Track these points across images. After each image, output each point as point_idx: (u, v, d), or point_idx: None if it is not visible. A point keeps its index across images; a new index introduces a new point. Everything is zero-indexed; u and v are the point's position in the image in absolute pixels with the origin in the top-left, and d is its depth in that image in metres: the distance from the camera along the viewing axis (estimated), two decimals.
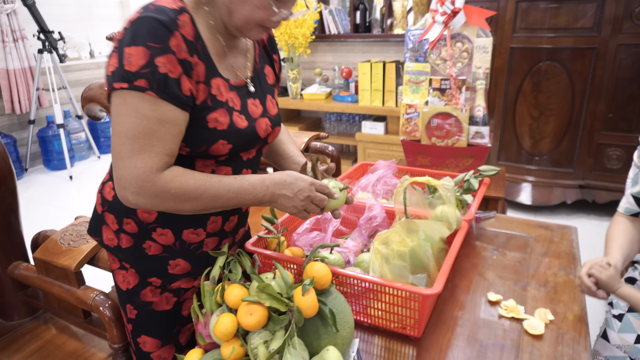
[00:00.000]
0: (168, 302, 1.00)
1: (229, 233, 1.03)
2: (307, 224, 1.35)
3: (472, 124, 2.01)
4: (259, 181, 0.88)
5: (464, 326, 1.06)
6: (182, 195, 0.81)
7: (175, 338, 1.03)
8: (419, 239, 1.04)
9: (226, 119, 0.88)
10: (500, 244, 1.44)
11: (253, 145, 0.98)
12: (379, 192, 1.62)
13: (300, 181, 0.89)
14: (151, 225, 0.93)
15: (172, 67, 0.78)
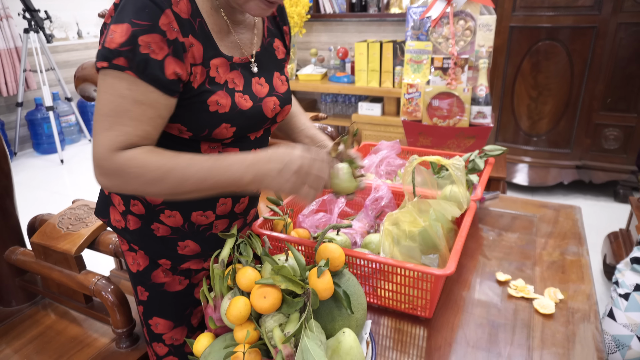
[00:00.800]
0: (180, 283, 0.98)
1: (239, 215, 1.00)
2: (313, 205, 1.32)
3: (474, 104, 1.99)
4: (237, 160, 0.77)
5: (474, 306, 1.06)
6: (142, 175, 0.73)
7: (187, 320, 1.01)
8: (430, 219, 1.02)
9: (228, 101, 0.83)
10: (506, 224, 1.43)
11: (260, 127, 0.94)
12: (382, 172, 1.59)
13: (287, 153, 0.78)
14: (159, 207, 0.90)
15: (157, 48, 0.72)
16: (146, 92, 0.73)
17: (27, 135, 4.52)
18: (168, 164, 0.74)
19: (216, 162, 0.76)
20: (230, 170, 0.76)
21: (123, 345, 1.23)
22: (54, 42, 4.56)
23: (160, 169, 0.73)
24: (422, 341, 0.97)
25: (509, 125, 3.28)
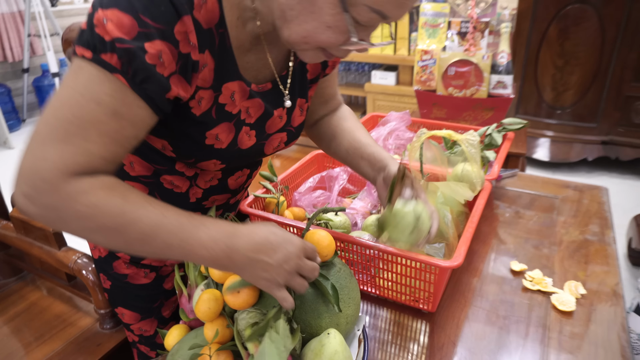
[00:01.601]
0: (146, 276, 0.88)
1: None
2: (311, 181, 1.21)
3: (494, 73, 1.82)
4: (224, 235, 0.58)
5: (484, 300, 0.95)
6: (92, 218, 0.53)
7: (157, 312, 0.92)
8: (437, 203, 0.90)
9: (229, 137, 0.67)
10: (524, 206, 1.30)
11: (251, 162, 0.81)
12: (391, 146, 1.47)
13: (288, 244, 0.61)
14: None
15: (167, 61, 0.54)
16: (132, 106, 0.54)
17: (35, 102, 4.46)
18: (132, 213, 0.54)
19: (196, 232, 0.57)
20: (212, 249, 0.58)
21: (106, 326, 1.17)
22: (59, 5, 4.43)
23: (119, 218, 0.54)
24: (424, 337, 0.87)
25: (531, 96, 3.08)
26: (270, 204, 1.07)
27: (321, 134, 0.95)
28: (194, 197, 0.79)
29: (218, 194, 0.81)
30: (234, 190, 0.83)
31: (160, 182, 0.76)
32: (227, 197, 0.83)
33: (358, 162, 0.87)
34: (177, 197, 0.78)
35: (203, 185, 0.78)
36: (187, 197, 0.79)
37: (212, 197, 0.81)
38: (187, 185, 0.77)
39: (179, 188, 0.77)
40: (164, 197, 0.78)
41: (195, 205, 0.80)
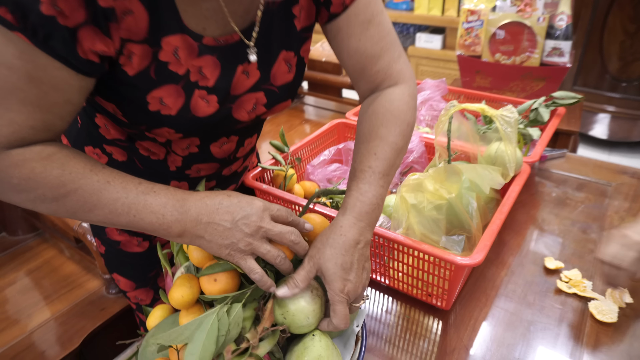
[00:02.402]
0: (139, 244, 0.83)
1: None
2: (326, 154, 1.11)
3: (550, 38, 1.61)
4: (174, 200, 0.53)
5: (508, 300, 0.83)
6: (30, 190, 0.49)
7: (152, 282, 0.88)
8: (461, 188, 0.78)
9: (178, 102, 0.57)
10: (569, 193, 1.14)
11: (228, 133, 0.70)
12: (423, 117, 1.33)
13: (246, 205, 0.55)
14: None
15: (67, 9, 0.44)
16: (47, 68, 0.46)
17: None
18: (72, 183, 0.50)
19: (144, 198, 0.52)
20: (161, 214, 0.52)
21: (112, 291, 1.15)
22: None
23: (59, 189, 0.49)
24: (434, 337, 0.77)
25: (594, 66, 2.77)
26: (279, 177, 0.98)
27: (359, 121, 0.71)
28: (174, 165, 0.71)
29: (201, 163, 0.72)
30: (222, 159, 0.74)
31: (136, 147, 0.68)
32: (215, 167, 0.74)
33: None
34: (156, 165, 0.71)
35: (180, 152, 0.69)
36: (166, 165, 0.71)
37: (196, 166, 0.72)
38: (163, 152, 0.69)
39: (156, 155, 0.69)
40: (144, 164, 0.71)
41: (177, 174, 0.73)
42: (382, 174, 0.61)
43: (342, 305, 0.57)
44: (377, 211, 0.61)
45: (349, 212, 0.59)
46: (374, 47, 0.65)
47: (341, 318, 0.58)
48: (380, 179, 0.61)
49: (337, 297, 0.57)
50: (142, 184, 0.53)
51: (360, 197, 0.60)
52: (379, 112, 0.65)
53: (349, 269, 0.57)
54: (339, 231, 0.58)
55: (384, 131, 0.64)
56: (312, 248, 0.59)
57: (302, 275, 0.58)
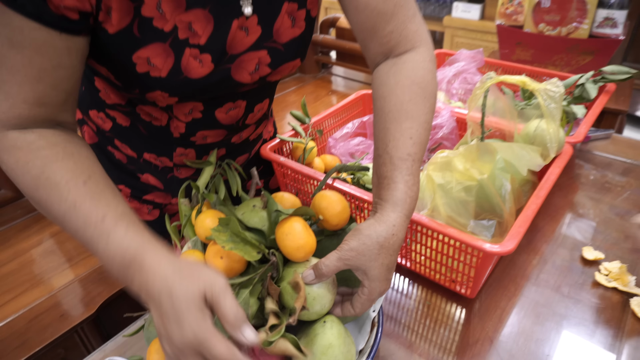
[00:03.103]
0: (150, 212, 0.81)
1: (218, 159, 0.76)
2: (349, 127, 1.05)
3: (602, 7, 1.47)
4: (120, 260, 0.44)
5: (540, 290, 0.77)
6: (12, 177, 0.48)
7: None
8: (494, 168, 0.71)
9: (167, 63, 0.52)
10: (612, 178, 1.05)
11: (232, 97, 0.64)
12: (455, 91, 1.25)
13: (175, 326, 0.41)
14: (107, 133, 0.71)
15: None
16: (24, 29, 0.42)
17: None
18: (45, 190, 0.46)
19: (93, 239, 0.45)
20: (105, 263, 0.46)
21: None
22: None
23: (33, 191, 0.46)
24: (457, 326, 0.72)
25: None
26: (298, 150, 0.93)
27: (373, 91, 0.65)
28: (177, 131, 0.66)
29: (207, 130, 0.67)
30: (229, 126, 0.68)
31: (138, 112, 0.64)
32: (222, 134, 0.69)
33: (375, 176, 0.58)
34: (159, 131, 0.67)
35: (183, 118, 0.64)
36: (169, 132, 0.66)
37: (201, 133, 0.67)
38: (165, 118, 0.64)
39: (158, 120, 0.65)
40: (147, 130, 0.67)
41: (181, 141, 0.68)
42: (419, 161, 0.56)
43: (370, 303, 0.54)
44: (416, 203, 0.56)
45: (401, 209, 0.52)
46: (386, 3, 0.57)
47: (365, 310, 0.54)
48: (419, 167, 0.56)
49: (374, 295, 0.53)
50: (104, 220, 0.44)
51: (409, 192, 0.53)
52: (404, 85, 0.58)
53: (391, 269, 0.53)
54: (392, 230, 0.51)
55: (414, 109, 0.56)
56: (355, 240, 0.51)
57: (333, 265, 0.51)
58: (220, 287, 0.42)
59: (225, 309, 0.41)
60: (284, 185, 0.92)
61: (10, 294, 1.04)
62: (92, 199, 0.45)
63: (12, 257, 1.15)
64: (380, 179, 0.55)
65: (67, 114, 0.50)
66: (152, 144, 0.69)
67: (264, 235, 0.56)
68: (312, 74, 2.32)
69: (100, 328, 1.07)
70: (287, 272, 0.54)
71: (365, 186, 0.86)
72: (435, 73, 0.61)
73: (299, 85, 2.14)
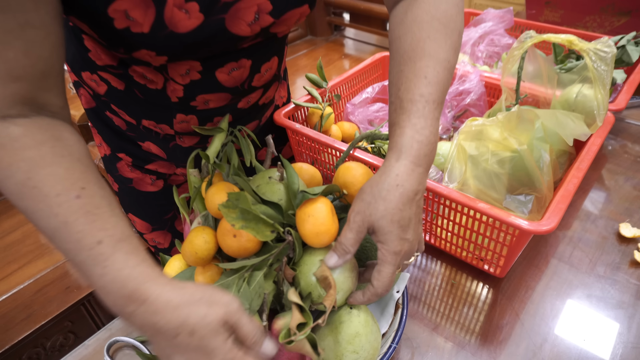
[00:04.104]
0: (153, 183, 0.76)
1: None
2: (369, 91, 0.98)
3: None
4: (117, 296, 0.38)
5: (573, 269, 0.72)
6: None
7: (169, 224, 0.81)
8: (533, 138, 0.64)
9: (147, 15, 0.45)
10: None
11: (233, 56, 0.56)
12: (481, 54, 1.16)
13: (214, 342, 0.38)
14: (103, 98, 0.64)
15: None
16: None
17: None
18: (31, 200, 0.39)
19: (87, 262, 0.38)
20: (99, 293, 0.39)
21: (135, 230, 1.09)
22: None
23: (18, 200, 0.40)
24: (484, 305, 0.68)
25: None
26: (314, 116, 0.86)
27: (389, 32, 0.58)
28: (174, 95, 0.59)
29: (208, 93, 0.60)
30: (233, 89, 0.61)
31: (131, 74, 0.57)
32: (226, 98, 0.62)
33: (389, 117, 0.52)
34: (156, 95, 0.59)
35: (180, 80, 0.57)
36: (166, 96, 0.59)
37: (201, 97, 0.60)
38: (161, 80, 0.57)
39: (154, 83, 0.58)
40: (143, 94, 0.60)
41: (181, 106, 0.61)
42: (436, 103, 0.48)
43: (391, 268, 0.46)
44: (434, 151, 0.49)
45: (405, 155, 0.46)
46: None
47: (385, 283, 0.47)
48: (435, 110, 0.48)
49: (389, 258, 0.46)
50: (101, 244, 0.38)
51: (416, 136, 0.47)
52: (423, 21, 0.50)
53: (406, 227, 0.46)
54: (395, 180, 0.45)
55: (433, 46, 0.49)
56: (359, 202, 0.47)
57: (350, 238, 0.46)
58: (237, 309, 0.39)
59: (246, 330, 0.39)
60: (298, 155, 0.86)
61: (14, 265, 1.00)
62: (87, 216, 0.39)
63: (16, 227, 1.11)
64: (390, 128, 0.49)
65: (50, 93, 0.42)
66: (150, 110, 0.62)
67: (281, 211, 0.51)
68: (324, 36, 2.21)
69: None
70: (308, 258, 0.49)
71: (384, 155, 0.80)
72: (462, 7, 0.53)
73: (310, 49, 2.05)
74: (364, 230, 0.46)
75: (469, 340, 0.63)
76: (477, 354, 0.61)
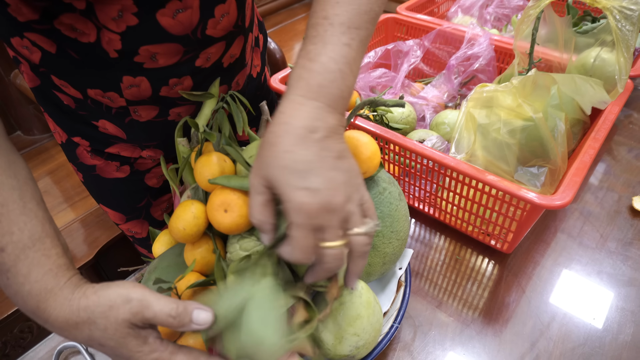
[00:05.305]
0: (119, 169, 0.69)
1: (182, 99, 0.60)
2: (372, 55, 0.92)
3: None
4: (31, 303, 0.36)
5: (582, 246, 0.69)
6: None
7: (145, 212, 0.75)
8: (549, 106, 0.60)
9: None
10: None
11: None
12: (489, 17, 1.10)
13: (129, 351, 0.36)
14: (41, 69, 0.55)
15: None
16: None
17: None
18: None
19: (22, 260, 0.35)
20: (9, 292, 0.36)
21: None
22: None
23: None
24: (489, 282, 0.65)
25: None
26: None
27: None
28: (112, 48, 0.50)
29: (151, 43, 0.51)
30: (183, 37, 0.52)
31: (58, 28, 0.48)
32: (176, 51, 0.53)
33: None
34: (92, 52, 0.50)
35: (114, 26, 0.48)
36: (103, 51, 0.50)
37: (145, 49, 0.51)
38: (93, 30, 0.48)
39: (86, 36, 0.48)
40: (79, 53, 0.51)
41: (124, 63, 0.52)
42: (345, 26, 0.39)
43: (301, 232, 0.35)
44: (339, 82, 0.38)
45: (293, 89, 0.38)
46: None
47: (299, 248, 0.36)
48: (343, 34, 0.39)
49: (294, 216, 0.35)
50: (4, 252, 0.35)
51: (307, 65, 0.38)
52: None
53: (305, 172, 0.35)
54: (280, 119, 0.37)
55: None
56: (255, 159, 0.38)
57: (255, 206, 0.38)
58: (138, 302, 0.36)
59: (160, 316, 0.36)
60: None
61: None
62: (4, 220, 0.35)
63: None
64: None
65: None
66: (92, 75, 0.54)
67: None
68: None
69: (100, 273, 1.02)
70: None
71: (389, 124, 0.76)
72: None
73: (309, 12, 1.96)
74: (266, 191, 0.37)
75: (474, 318, 0.60)
76: (482, 332, 0.59)
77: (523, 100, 0.57)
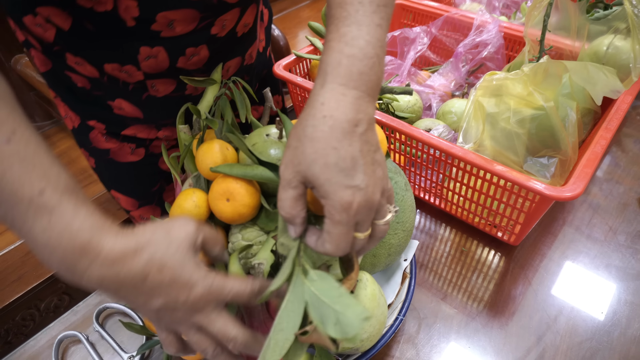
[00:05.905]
0: (133, 152, 0.68)
1: (200, 70, 0.60)
2: None
3: None
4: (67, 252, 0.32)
5: (591, 239, 0.67)
6: None
7: (157, 197, 0.75)
8: (560, 95, 0.58)
9: None
10: None
11: None
12: (498, 3, 1.07)
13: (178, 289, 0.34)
14: (55, 47, 0.54)
15: None
16: None
17: None
18: None
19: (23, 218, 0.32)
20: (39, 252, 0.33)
21: None
22: None
23: None
24: (495, 275, 0.64)
25: None
26: (316, 69, 0.79)
27: None
28: (129, 15, 0.50)
29: (169, 9, 0.51)
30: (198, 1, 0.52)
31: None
32: (194, 17, 0.53)
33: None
34: (109, 22, 0.50)
35: None
36: (120, 20, 0.50)
37: (162, 15, 0.51)
38: None
39: (103, 4, 0.48)
40: (95, 24, 0.50)
41: (141, 32, 0.52)
42: (375, 4, 0.37)
43: (341, 229, 0.34)
44: (377, 68, 0.36)
45: (332, 77, 0.35)
46: None
47: (335, 243, 0.35)
48: (374, 13, 0.37)
49: (337, 216, 0.34)
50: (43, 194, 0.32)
51: (345, 50, 0.35)
52: None
53: (351, 169, 0.33)
54: (321, 112, 0.34)
55: None
56: (286, 150, 0.36)
57: (286, 199, 0.36)
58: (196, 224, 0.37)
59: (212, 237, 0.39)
60: (299, 111, 0.80)
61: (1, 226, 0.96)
62: (22, 164, 0.32)
63: None
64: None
65: None
66: (108, 47, 0.53)
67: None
68: None
69: None
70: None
71: (395, 113, 0.74)
72: None
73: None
74: (300, 186, 0.35)
75: (479, 311, 0.59)
76: (488, 325, 0.58)
77: (534, 88, 0.55)
